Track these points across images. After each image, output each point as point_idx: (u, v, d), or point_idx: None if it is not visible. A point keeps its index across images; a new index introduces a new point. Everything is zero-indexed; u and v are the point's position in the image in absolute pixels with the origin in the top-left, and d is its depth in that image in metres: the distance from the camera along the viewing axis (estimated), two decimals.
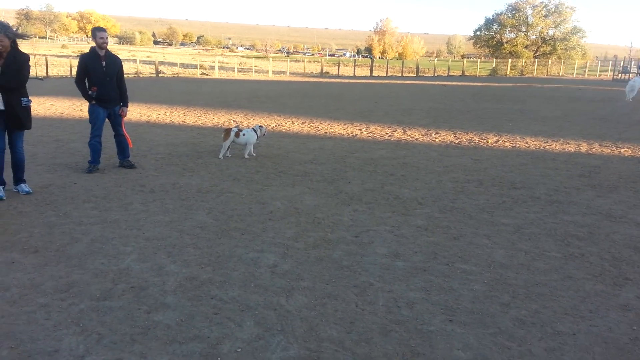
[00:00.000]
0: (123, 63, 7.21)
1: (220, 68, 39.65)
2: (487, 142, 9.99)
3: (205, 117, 12.93)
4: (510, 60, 49.21)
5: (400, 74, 44.20)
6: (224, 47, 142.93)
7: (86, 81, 6.72)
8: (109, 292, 3.45)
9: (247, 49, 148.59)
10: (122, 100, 7.03)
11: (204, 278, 3.73)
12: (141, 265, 3.91)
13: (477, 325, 3.17)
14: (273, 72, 39.08)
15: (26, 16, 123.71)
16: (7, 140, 5.67)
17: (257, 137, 8.08)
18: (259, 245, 4.40)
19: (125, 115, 7.17)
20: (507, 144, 9.92)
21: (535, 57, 57.11)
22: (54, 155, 7.97)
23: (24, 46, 5.74)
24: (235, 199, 5.81)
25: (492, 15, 67.04)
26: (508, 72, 45.67)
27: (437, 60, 64.20)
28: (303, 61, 58.11)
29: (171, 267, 3.91)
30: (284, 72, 40.46)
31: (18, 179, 5.87)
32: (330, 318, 3.20)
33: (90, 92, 6.69)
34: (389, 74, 43.57)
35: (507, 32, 66.88)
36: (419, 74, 44.92)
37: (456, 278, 3.84)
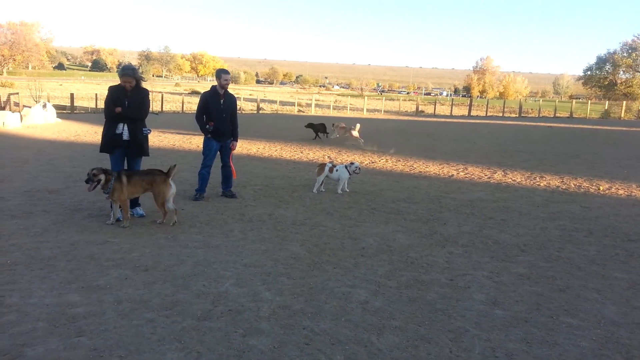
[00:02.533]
0: None
1: (317, 105, 40.98)
2: (599, 189, 9.26)
3: (301, 152, 13.36)
4: (625, 102, 45.64)
5: (501, 114, 42.66)
6: (320, 86, 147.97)
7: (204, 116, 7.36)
8: (209, 313, 3.63)
9: (343, 87, 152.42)
10: (234, 134, 7.62)
11: (296, 308, 3.79)
12: (238, 290, 4.08)
13: None
14: (367, 110, 39.60)
15: (147, 57, 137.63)
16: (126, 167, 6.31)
17: (350, 173, 8.19)
18: (350, 280, 4.41)
19: (234, 149, 7.73)
20: (621, 191, 9.12)
21: None
22: None
23: (144, 84, 6.48)
24: (328, 233, 5.90)
25: (605, 54, 63.26)
26: (622, 115, 42.28)
27: (543, 100, 61.29)
28: (398, 99, 58.33)
29: (266, 294, 4.03)
30: (378, 110, 40.83)
31: (134, 203, 6.44)
32: None
33: (207, 126, 7.32)
34: (489, 114, 42.25)
35: (622, 72, 62.47)
36: (522, 115, 43.05)
37: (561, 332, 3.55)
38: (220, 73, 7.41)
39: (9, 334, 3.22)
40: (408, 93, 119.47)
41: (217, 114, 7.29)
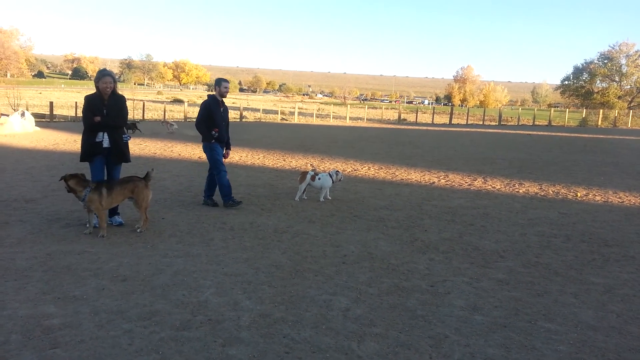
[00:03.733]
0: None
1: (300, 114, 41.07)
2: (577, 196, 9.43)
3: (284, 160, 13.35)
4: (601, 110, 46.68)
5: (481, 122, 43.26)
6: (303, 94, 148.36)
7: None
8: (188, 323, 3.59)
9: (326, 95, 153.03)
10: (227, 143, 7.71)
11: (277, 316, 3.77)
12: (219, 299, 4.04)
13: None
14: (350, 118, 39.81)
15: (128, 65, 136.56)
16: (105, 176, 6.22)
17: (333, 181, 8.20)
18: (332, 288, 4.40)
19: (227, 157, 7.77)
20: (598, 198, 9.30)
21: (629, 108, 53.84)
22: None
23: (125, 92, 6.43)
24: (310, 241, 5.89)
25: (582, 64, 64.61)
26: (599, 123, 43.21)
27: (522, 109, 62.34)
28: (380, 108, 58.76)
29: (246, 302, 4.00)
30: (361, 119, 41.08)
31: (113, 212, 6.35)
32: None
33: (213, 132, 7.37)
34: (470, 122, 42.81)
35: (599, 81, 63.88)
36: (502, 123, 43.71)
37: (539, 337, 3.60)
38: (220, 81, 7.49)
39: None
40: (390, 102, 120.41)
41: (219, 121, 7.40)
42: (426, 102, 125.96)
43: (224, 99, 7.57)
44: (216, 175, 7.47)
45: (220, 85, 7.42)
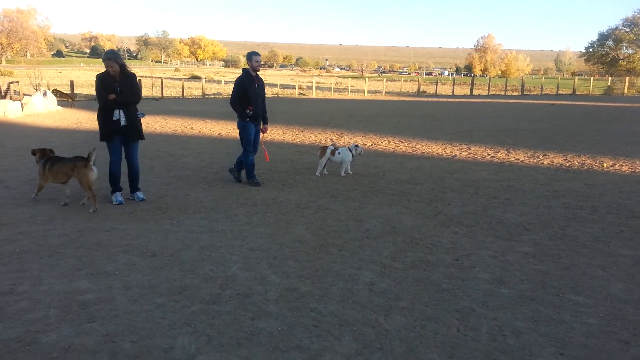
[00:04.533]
0: (228, 85, 7.80)
1: (317, 88, 40.74)
2: (602, 166, 9.24)
3: (303, 135, 13.33)
4: (627, 78, 45.24)
5: (503, 93, 42.36)
6: (321, 68, 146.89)
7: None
8: (217, 297, 3.67)
9: (344, 69, 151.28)
10: (264, 118, 7.53)
11: (303, 290, 3.83)
12: (246, 274, 4.11)
13: None
14: (369, 92, 39.38)
15: (145, 42, 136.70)
16: (123, 154, 6.30)
17: (353, 156, 8.17)
18: (356, 263, 4.44)
19: (266, 132, 7.69)
20: (625, 168, 9.10)
21: None
22: (168, 168, 8.66)
23: (142, 69, 6.44)
24: (332, 216, 5.91)
25: (607, 31, 62.51)
26: (625, 91, 41.95)
27: (545, 78, 60.85)
28: (399, 80, 57.92)
29: (273, 277, 4.07)
30: (379, 92, 40.60)
31: (134, 188, 6.47)
32: (430, 341, 3.13)
33: (247, 110, 7.19)
34: (491, 93, 41.97)
35: (624, 47, 61.82)
36: (524, 93, 42.75)
37: (568, 310, 3.59)
38: (252, 55, 7.28)
39: (22, 321, 3.27)
40: (409, 74, 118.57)
41: (254, 97, 7.18)
42: (446, 73, 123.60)
43: (258, 73, 7.33)
44: (243, 154, 7.46)
45: (251, 59, 7.20)
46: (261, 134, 7.58)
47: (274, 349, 3.00)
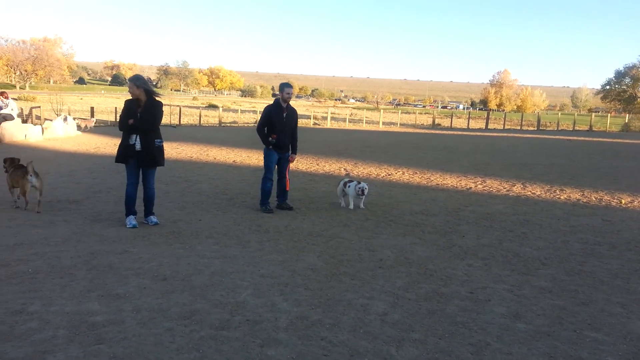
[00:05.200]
0: (244, 114, 7.96)
1: (332, 118, 41.12)
2: (621, 203, 9.09)
3: (317, 164, 13.38)
4: None
5: (519, 127, 42.28)
6: (336, 99, 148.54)
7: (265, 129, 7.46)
8: (227, 323, 3.63)
9: (359, 100, 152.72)
10: (293, 148, 7.69)
11: (314, 319, 3.77)
12: (256, 300, 4.07)
13: None
14: (383, 123, 39.63)
15: (165, 72, 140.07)
16: (140, 177, 6.37)
17: (357, 193, 7.84)
18: (368, 292, 4.37)
19: (293, 161, 7.82)
20: None
21: None
22: (183, 193, 8.72)
23: (162, 98, 6.56)
24: (345, 245, 5.87)
25: (624, 68, 62.55)
26: None
27: (561, 113, 60.66)
28: (414, 113, 58.21)
29: (283, 304, 4.01)
30: (394, 124, 40.83)
31: (148, 212, 6.51)
32: None
33: (270, 138, 7.38)
34: (507, 127, 41.91)
35: None
36: (540, 128, 42.63)
37: (585, 347, 3.47)
38: (284, 87, 7.52)
39: (30, 341, 3.25)
40: (424, 106, 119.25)
41: (280, 128, 7.36)
42: (461, 106, 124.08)
43: (289, 104, 7.52)
44: (262, 179, 7.53)
45: (283, 90, 7.45)
46: (290, 163, 7.70)
47: None
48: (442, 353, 3.31)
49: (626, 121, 44.77)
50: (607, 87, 64.84)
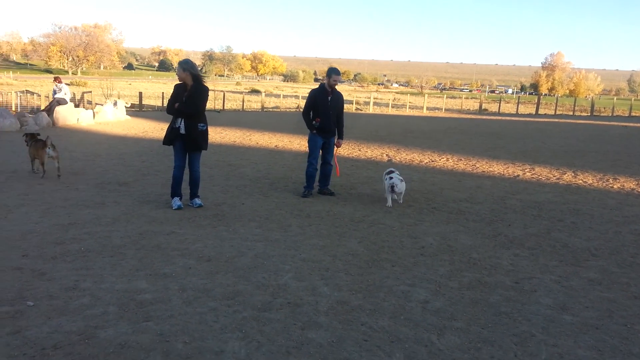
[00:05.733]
0: (286, 99, 7.97)
1: (375, 104, 40.70)
2: None
3: (359, 150, 13.30)
4: None
5: (571, 113, 40.54)
6: (379, 84, 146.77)
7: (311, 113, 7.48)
8: (269, 305, 3.69)
9: (402, 85, 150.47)
10: (339, 133, 7.69)
11: (354, 304, 3.78)
12: (297, 284, 4.11)
13: None
14: (428, 108, 38.88)
15: (210, 57, 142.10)
16: (187, 160, 6.52)
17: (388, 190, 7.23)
18: (409, 279, 4.33)
19: (339, 147, 7.83)
20: None
21: None
22: (227, 177, 8.88)
23: (206, 83, 6.65)
24: (386, 231, 5.83)
25: None
26: None
27: (617, 99, 57.70)
28: (460, 97, 56.80)
29: (324, 289, 4.04)
30: (439, 109, 39.98)
31: (193, 195, 6.67)
32: None
33: (314, 122, 7.43)
34: (558, 113, 40.28)
35: None
36: (594, 114, 40.72)
37: (636, 342, 3.33)
38: (331, 73, 7.48)
39: (82, 316, 3.42)
40: (470, 91, 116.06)
41: (324, 111, 7.38)
42: (510, 91, 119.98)
43: (335, 89, 7.46)
44: (308, 163, 7.58)
45: (330, 76, 7.41)
46: (335, 148, 7.69)
47: (323, 359, 2.97)
48: (485, 343, 3.25)
49: None
50: None
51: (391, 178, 7.04)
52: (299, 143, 14.37)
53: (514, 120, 29.94)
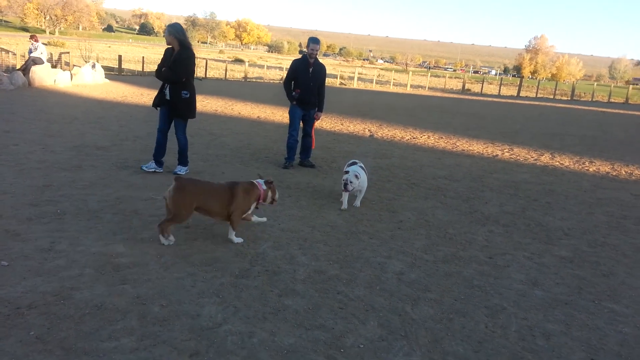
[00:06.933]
0: (270, 70, 7.85)
1: (359, 79, 40.44)
2: None
3: (341, 124, 13.27)
4: None
5: (552, 97, 40.97)
6: (364, 59, 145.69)
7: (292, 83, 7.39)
8: (247, 272, 3.71)
9: (387, 61, 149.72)
10: (319, 105, 7.57)
11: (331, 273, 3.82)
12: (275, 253, 4.14)
13: None
14: (411, 86, 38.82)
15: (193, 23, 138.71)
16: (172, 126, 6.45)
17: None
18: (386, 252, 4.40)
19: (318, 119, 7.70)
20: None
21: None
22: (207, 146, 8.79)
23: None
24: (365, 204, 5.87)
25: None
26: None
27: (597, 84, 58.42)
28: (444, 77, 56.85)
29: (302, 258, 4.08)
30: (422, 87, 39.96)
31: (179, 162, 6.60)
32: (457, 334, 3.08)
33: (294, 93, 7.33)
34: (539, 96, 40.67)
35: None
36: (574, 98, 41.24)
37: (602, 317, 3.46)
38: (309, 42, 7.37)
39: (58, 277, 3.39)
40: (454, 70, 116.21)
41: (305, 83, 7.27)
42: (493, 72, 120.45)
43: (317, 59, 7.36)
44: (288, 135, 7.53)
45: (308, 45, 7.31)
46: (314, 120, 7.62)
47: (299, 325, 3.01)
48: (457, 314, 3.34)
49: None
50: None
51: (347, 172, 5.68)
52: (282, 115, 14.25)
53: (495, 101, 30.15)
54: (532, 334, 3.15)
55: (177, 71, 6.16)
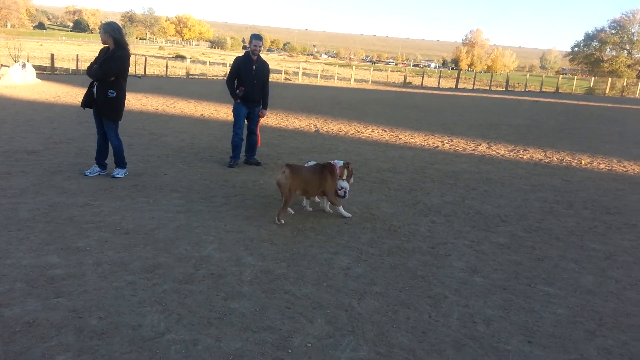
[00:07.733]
0: (213, 66, 7.71)
1: (304, 74, 40.48)
2: (581, 163, 9.37)
3: (287, 120, 13.23)
4: (610, 79, 45.92)
5: (488, 88, 42.65)
6: (308, 54, 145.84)
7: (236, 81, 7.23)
8: (191, 277, 3.62)
9: (331, 56, 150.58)
10: (264, 102, 7.46)
11: (278, 273, 3.80)
12: (221, 255, 4.06)
13: (558, 349, 2.98)
14: (355, 80, 39.27)
15: (130, 19, 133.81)
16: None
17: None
18: (333, 247, 4.42)
19: (263, 117, 7.59)
20: (602, 166, 9.24)
21: (638, 77, 52.95)
22: (147, 146, 8.51)
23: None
24: (311, 200, 5.87)
25: (593, 31, 63.29)
26: (607, 92, 42.59)
27: (530, 75, 61.31)
28: (386, 70, 57.84)
29: (248, 259, 4.03)
30: (366, 81, 40.51)
31: (115, 164, 6.33)
32: (402, 325, 3.14)
33: (237, 91, 7.18)
34: (476, 87, 42.22)
35: (609, 49, 62.73)
36: (509, 89, 43.10)
37: (538, 300, 3.63)
38: (252, 38, 7.25)
39: None
40: (396, 64, 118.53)
41: (248, 80, 7.15)
42: (432, 65, 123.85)
43: (260, 56, 7.24)
44: (233, 133, 7.41)
45: (251, 42, 7.20)
46: (260, 118, 7.53)
47: (245, 329, 2.97)
48: (402, 305, 3.41)
49: (591, 85, 45.68)
50: (576, 49, 65.65)
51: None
52: (226, 112, 14.02)
53: (435, 94, 31.02)
54: (473, 320, 3.26)
55: (106, 69, 5.90)
